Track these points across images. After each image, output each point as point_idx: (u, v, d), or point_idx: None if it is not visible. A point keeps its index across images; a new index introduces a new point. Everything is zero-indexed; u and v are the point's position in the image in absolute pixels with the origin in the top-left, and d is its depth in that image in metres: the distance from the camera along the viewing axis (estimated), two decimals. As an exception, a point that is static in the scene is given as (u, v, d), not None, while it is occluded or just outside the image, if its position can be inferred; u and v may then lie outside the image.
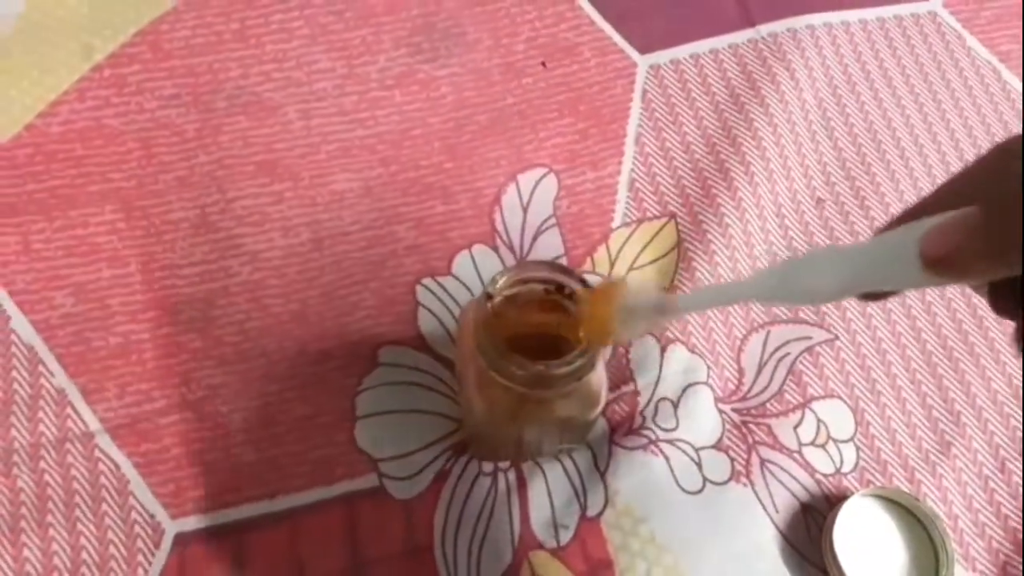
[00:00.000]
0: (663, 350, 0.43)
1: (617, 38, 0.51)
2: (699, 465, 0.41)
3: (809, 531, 0.40)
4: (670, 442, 0.41)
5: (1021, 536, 0.41)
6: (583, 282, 0.34)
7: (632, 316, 0.30)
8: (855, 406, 0.43)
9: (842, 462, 0.42)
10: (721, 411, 0.42)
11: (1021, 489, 0.42)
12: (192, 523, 0.38)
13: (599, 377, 0.35)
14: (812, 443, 0.42)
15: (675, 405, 0.42)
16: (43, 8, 0.49)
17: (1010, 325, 0.31)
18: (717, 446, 0.41)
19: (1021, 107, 0.52)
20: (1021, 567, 0.40)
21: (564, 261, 0.45)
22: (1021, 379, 0.44)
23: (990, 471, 0.42)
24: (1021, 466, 0.43)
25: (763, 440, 0.42)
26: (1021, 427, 0.43)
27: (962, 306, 0.46)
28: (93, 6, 0.49)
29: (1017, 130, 0.51)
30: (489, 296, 0.33)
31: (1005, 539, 0.41)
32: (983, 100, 0.52)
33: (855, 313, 0.45)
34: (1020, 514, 0.42)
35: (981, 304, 0.46)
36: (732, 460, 0.41)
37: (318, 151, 0.46)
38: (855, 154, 0.49)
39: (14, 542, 0.37)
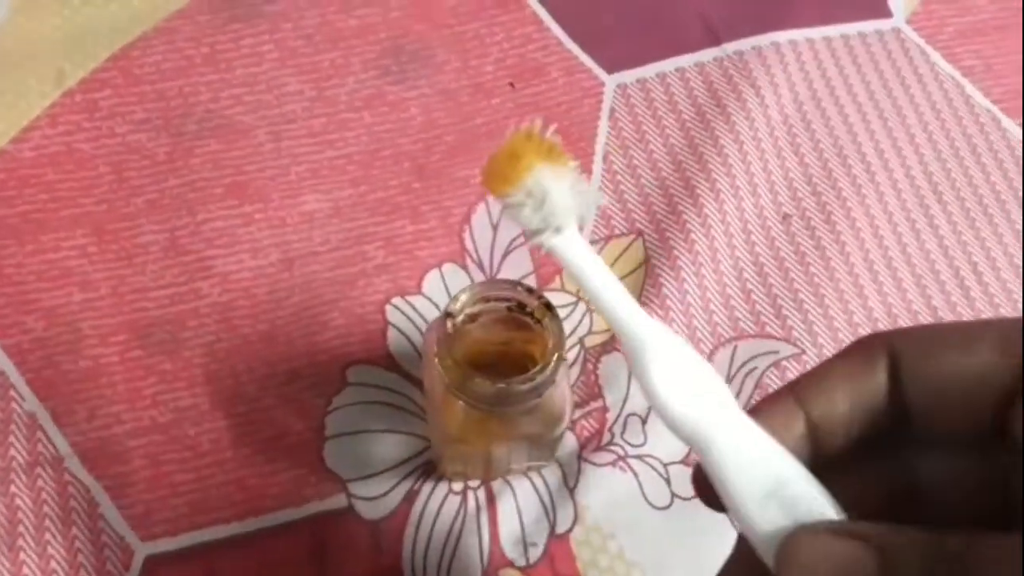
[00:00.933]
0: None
1: (584, 58, 0.51)
2: (667, 480, 0.41)
3: (776, 544, 0.40)
4: (639, 458, 0.42)
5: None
6: (545, 303, 0.34)
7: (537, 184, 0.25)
8: (822, 419, 0.43)
9: (809, 475, 0.42)
10: (689, 426, 0.42)
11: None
12: (162, 545, 0.38)
13: (562, 393, 0.36)
14: (779, 456, 0.42)
15: (643, 421, 0.42)
16: (16, 35, 0.49)
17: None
18: (685, 461, 0.42)
19: (983, 121, 0.52)
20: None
21: (533, 279, 0.45)
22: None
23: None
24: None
25: (730, 454, 0.42)
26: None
27: (928, 320, 0.47)
28: (66, 32, 0.49)
29: (979, 141, 0.52)
30: (449, 314, 0.33)
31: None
32: (947, 115, 0.52)
33: (821, 327, 0.46)
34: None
35: (949, 317, 0.47)
36: (700, 474, 0.41)
37: (288, 172, 0.46)
38: (821, 170, 0.50)
39: (-17, 567, 0.38)
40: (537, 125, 0.26)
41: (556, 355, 0.33)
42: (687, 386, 0.23)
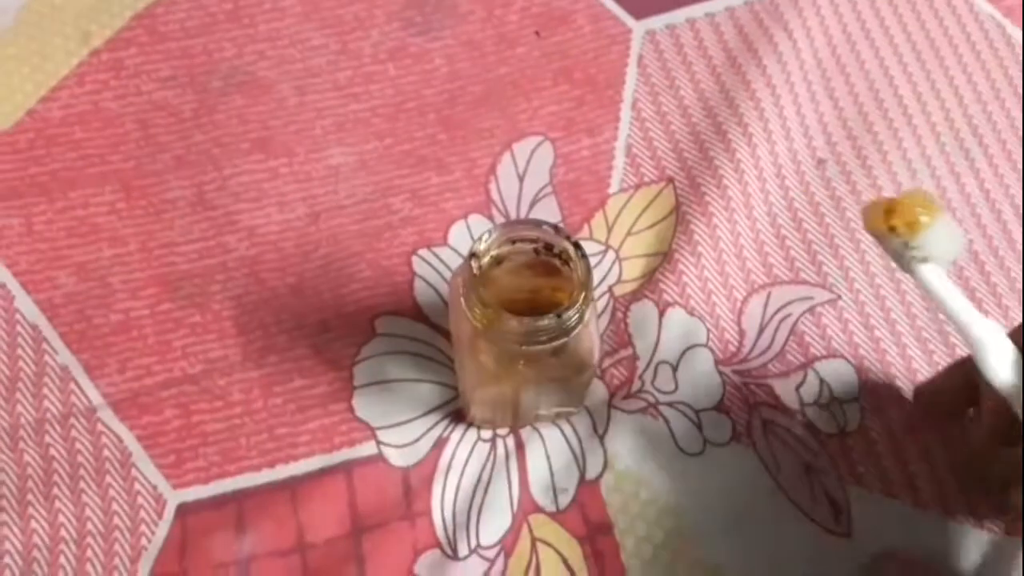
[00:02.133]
0: (661, 314, 0.43)
1: (611, 4, 0.50)
2: (699, 427, 0.41)
3: (812, 490, 0.40)
4: (670, 404, 0.41)
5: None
6: (573, 242, 0.33)
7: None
8: (859, 365, 0.42)
9: (846, 422, 0.41)
10: (721, 373, 0.42)
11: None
12: (193, 493, 0.39)
13: (590, 335, 0.35)
14: (815, 403, 0.41)
15: (674, 368, 0.42)
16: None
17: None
18: (718, 408, 0.41)
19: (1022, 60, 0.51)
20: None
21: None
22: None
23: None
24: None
25: (765, 400, 0.41)
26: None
27: (969, 263, 0.45)
28: (91, -7, 0.49)
29: (1021, 86, 0.50)
30: (474, 255, 0.33)
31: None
32: (987, 55, 0.51)
33: (858, 273, 0.44)
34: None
35: (988, 261, 0.45)
36: (733, 421, 0.41)
37: (313, 127, 0.46)
38: (856, 113, 0.49)
39: (22, 514, 0.38)
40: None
41: (584, 293, 0.32)
42: (1011, 367, 0.32)
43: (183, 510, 0.38)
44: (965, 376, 0.36)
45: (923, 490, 0.40)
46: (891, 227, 0.33)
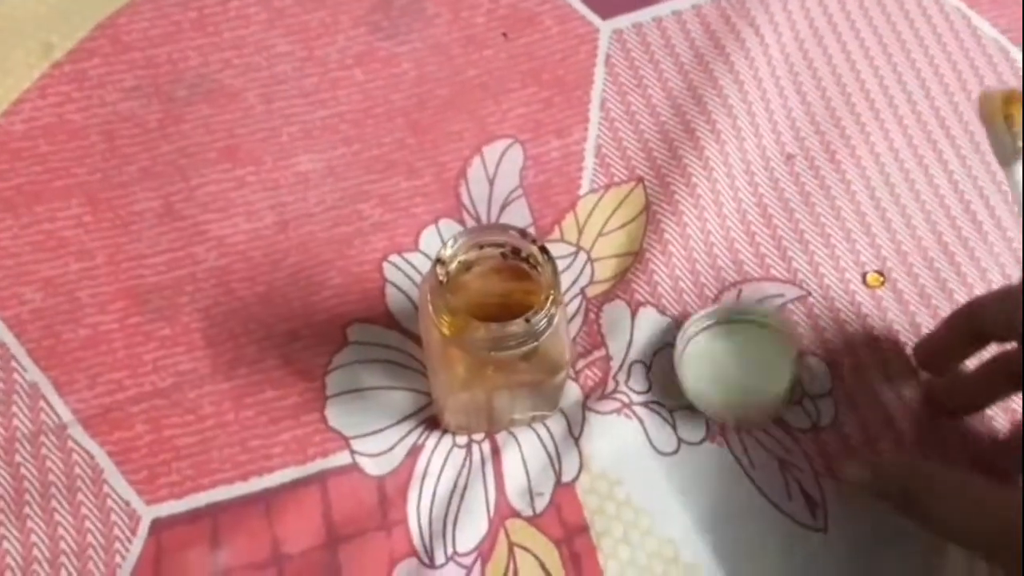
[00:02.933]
0: (634, 313, 0.43)
1: (578, 4, 0.50)
2: (673, 426, 0.41)
3: (787, 486, 0.40)
4: (644, 404, 0.41)
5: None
6: (540, 246, 0.33)
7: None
8: (830, 361, 0.43)
9: (819, 417, 0.41)
10: (695, 371, 0.42)
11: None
12: (167, 508, 0.38)
13: (560, 338, 0.35)
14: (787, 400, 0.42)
15: (647, 368, 0.42)
16: (1, 11, 0.49)
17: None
18: (691, 406, 0.41)
19: (991, 52, 0.51)
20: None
21: (532, 230, 0.45)
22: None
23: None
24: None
25: (738, 398, 0.41)
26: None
27: (940, 255, 0.46)
28: (52, 5, 0.49)
29: (987, 72, 0.50)
30: (440, 261, 0.33)
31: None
32: (953, 47, 0.51)
33: (828, 269, 0.45)
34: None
35: (958, 252, 0.46)
36: (707, 419, 0.41)
37: (280, 134, 0.46)
38: (824, 108, 0.49)
39: (-8, 536, 0.38)
40: None
41: (552, 296, 0.32)
42: None
43: (157, 525, 0.38)
44: (969, 324, 0.38)
45: (897, 483, 0.40)
46: (1007, 116, 0.34)
